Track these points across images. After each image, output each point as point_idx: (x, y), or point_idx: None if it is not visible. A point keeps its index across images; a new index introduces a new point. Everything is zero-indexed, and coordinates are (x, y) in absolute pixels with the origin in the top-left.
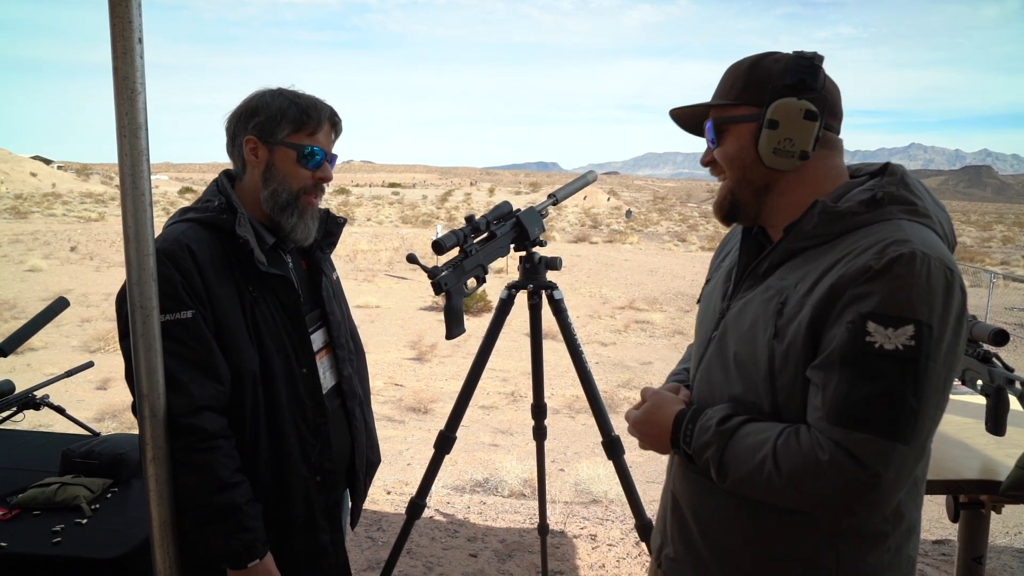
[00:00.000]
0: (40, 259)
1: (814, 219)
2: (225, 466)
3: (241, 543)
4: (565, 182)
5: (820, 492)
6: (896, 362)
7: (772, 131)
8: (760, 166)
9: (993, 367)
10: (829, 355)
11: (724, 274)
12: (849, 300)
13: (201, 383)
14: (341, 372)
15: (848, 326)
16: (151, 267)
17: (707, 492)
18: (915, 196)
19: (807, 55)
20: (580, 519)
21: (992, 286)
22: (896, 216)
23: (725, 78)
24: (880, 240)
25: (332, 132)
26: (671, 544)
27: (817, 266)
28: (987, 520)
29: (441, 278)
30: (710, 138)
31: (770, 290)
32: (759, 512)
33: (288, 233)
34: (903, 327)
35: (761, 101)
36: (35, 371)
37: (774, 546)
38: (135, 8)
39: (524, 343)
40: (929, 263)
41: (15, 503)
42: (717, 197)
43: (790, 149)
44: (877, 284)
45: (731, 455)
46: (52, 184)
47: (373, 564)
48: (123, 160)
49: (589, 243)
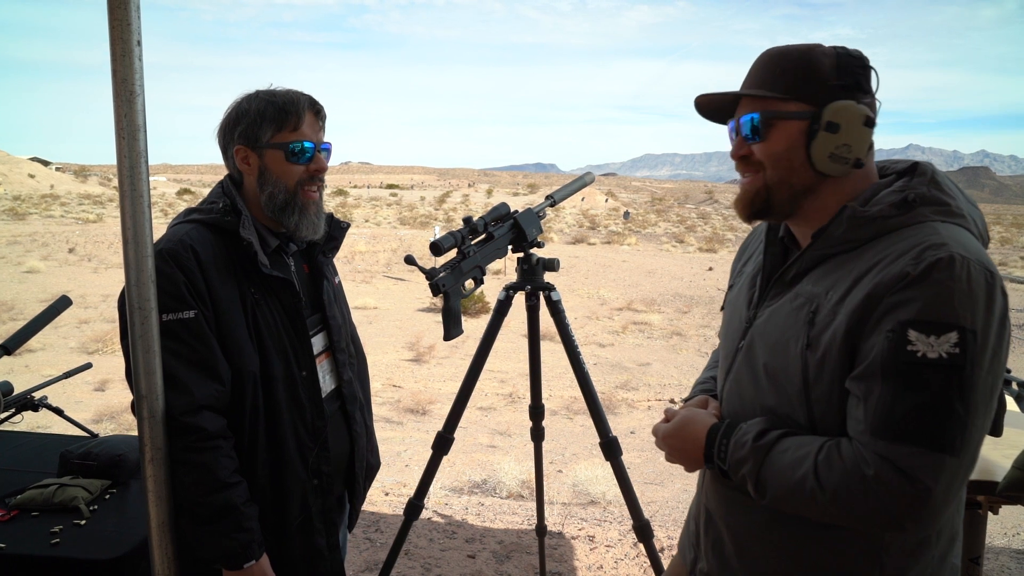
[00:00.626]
0: (38, 260)
1: (843, 224)
2: (224, 466)
3: (237, 543)
4: (563, 183)
5: (867, 508)
6: (941, 371)
7: (831, 134)
8: (808, 169)
9: None
10: (869, 365)
11: (748, 280)
12: (887, 308)
13: (202, 383)
14: (341, 376)
15: (888, 335)
16: (149, 268)
17: (742, 507)
18: (948, 196)
19: (855, 54)
20: (578, 520)
21: None
22: (929, 218)
23: (768, 67)
24: (916, 244)
25: (316, 120)
26: (704, 559)
27: (849, 272)
28: (984, 521)
29: (439, 279)
30: (748, 131)
31: (799, 298)
32: (798, 527)
33: (294, 231)
34: (946, 334)
35: (814, 99)
36: (33, 372)
37: (815, 562)
38: (134, 11)
39: (521, 344)
40: (969, 266)
41: (13, 504)
42: (745, 192)
43: (846, 156)
44: (916, 290)
45: (769, 472)
46: (50, 185)
47: (371, 565)
48: (122, 162)
49: (587, 244)
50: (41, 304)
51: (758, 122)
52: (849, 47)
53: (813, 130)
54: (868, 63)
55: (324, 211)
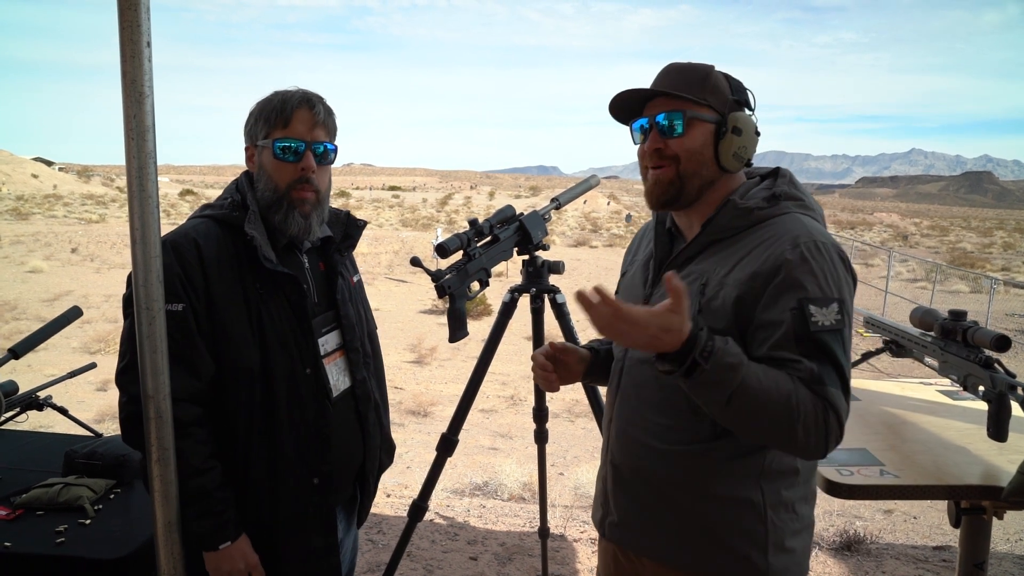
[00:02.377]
0: (41, 260)
1: (728, 214)
2: (197, 452)
3: (211, 525)
4: (565, 186)
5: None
6: (834, 334)
7: (736, 137)
8: (714, 164)
9: (995, 373)
10: (784, 335)
11: (641, 266)
12: (782, 288)
13: (178, 376)
14: (355, 375)
15: (792, 312)
16: (157, 268)
17: (647, 453)
18: (802, 194)
19: (735, 79)
20: (580, 523)
21: (993, 292)
22: (791, 210)
23: (682, 77)
24: (787, 232)
25: (312, 117)
26: (614, 511)
27: (732, 253)
28: (989, 526)
29: (444, 281)
30: (664, 126)
31: (691, 275)
32: (696, 462)
33: (278, 228)
34: (831, 305)
35: (720, 108)
36: (36, 372)
37: (712, 488)
38: (143, 13)
39: (523, 347)
40: (828, 249)
41: (19, 503)
42: (659, 182)
43: (743, 156)
44: (801, 273)
45: (753, 382)
46: (53, 185)
47: (373, 567)
48: (130, 162)
49: (589, 247)
50: (43, 304)
51: (681, 120)
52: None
53: (721, 132)
54: (747, 87)
55: (324, 211)
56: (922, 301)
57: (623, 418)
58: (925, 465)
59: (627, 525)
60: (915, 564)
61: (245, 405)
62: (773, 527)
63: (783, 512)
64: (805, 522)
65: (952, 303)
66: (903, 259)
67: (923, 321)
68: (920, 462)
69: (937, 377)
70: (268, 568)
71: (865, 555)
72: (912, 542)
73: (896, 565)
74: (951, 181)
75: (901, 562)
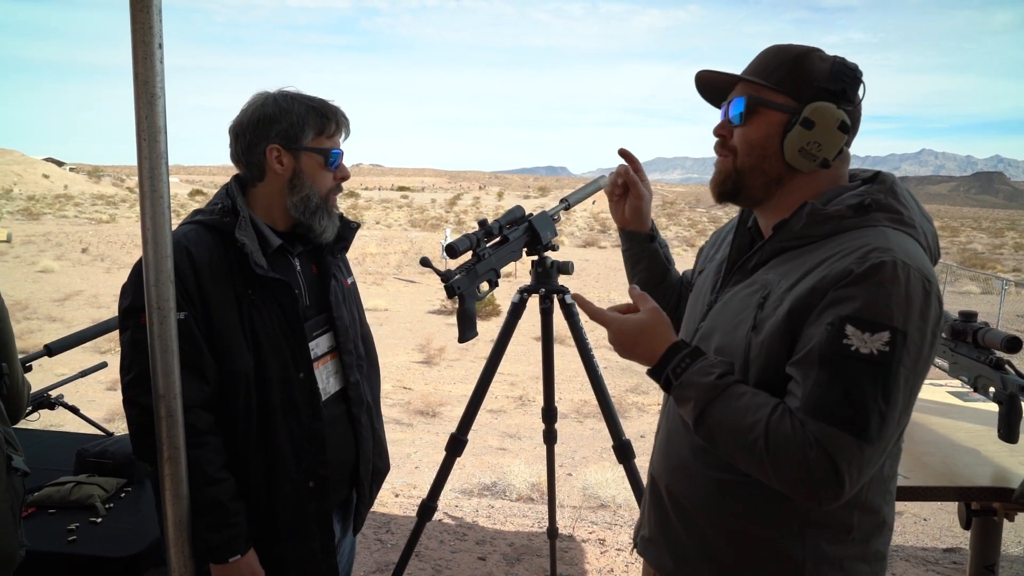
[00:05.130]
0: (52, 260)
1: (802, 220)
2: (211, 462)
3: (222, 538)
4: (574, 186)
5: (795, 476)
6: (870, 365)
7: (805, 130)
8: (779, 159)
9: (1006, 374)
10: (808, 353)
11: (715, 267)
12: (830, 302)
13: (188, 383)
14: (347, 378)
15: (827, 327)
16: (168, 269)
17: (684, 472)
18: (902, 205)
19: (851, 65)
20: (588, 523)
21: (1004, 293)
22: (882, 223)
23: (767, 59)
24: (863, 245)
25: (344, 132)
26: (647, 525)
27: (802, 264)
28: (999, 528)
29: (454, 282)
30: (735, 112)
31: (754, 284)
32: (735, 497)
33: (320, 234)
34: (879, 333)
35: (800, 95)
36: (46, 371)
37: (747, 531)
38: (156, 14)
39: (531, 347)
40: (909, 272)
41: (31, 501)
42: (718, 173)
43: (815, 153)
44: (858, 289)
45: (719, 408)
46: (64, 186)
47: (382, 566)
48: (142, 163)
49: (598, 248)
50: (54, 304)
51: (743, 106)
52: (848, 60)
53: (791, 123)
54: (860, 76)
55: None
56: None
57: (668, 429)
58: (935, 466)
59: (656, 543)
60: (925, 566)
61: (242, 411)
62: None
63: (827, 570)
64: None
65: (962, 304)
66: None
67: None
68: (930, 463)
69: (947, 378)
70: (267, 573)
71: None
72: (922, 544)
73: (906, 567)
74: (962, 182)
75: (911, 564)
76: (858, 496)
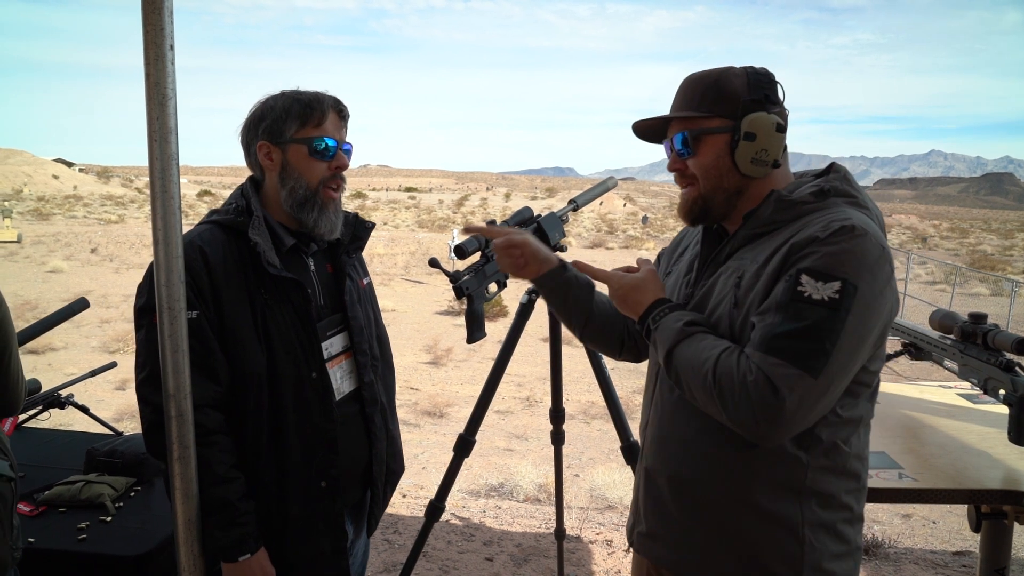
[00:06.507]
0: (61, 260)
1: (771, 206)
2: (221, 461)
3: (232, 537)
4: (582, 188)
5: (737, 406)
6: (819, 308)
7: (749, 143)
8: (735, 174)
9: (1016, 376)
10: (769, 302)
11: (686, 265)
12: (794, 261)
13: (198, 382)
14: (362, 378)
15: (786, 279)
16: (179, 269)
17: (684, 456)
18: (856, 191)
19: (761, 71)
20: (596, 524)
21: (1014, 295)
22: (841, 205)
23: (689, 91)
24: (826, 218)
25: (340, 120)
26: (644, 520)
27: (771, 243)
28: (1010, 531)
29: (463, 283)
30: (679, 148)
31: (729, 269)
32: (735, 467)
33: (312, 228)
34: (831, 282)
35: (733, 114)
36: (56, 371)
37: (752, 497)
38: (167, 16)
39: (539, 348)
40: (866, 236)
41: (41, 500)
42: (685, 202)
43: (765, 159)
44: (818, 246)
45: (683, 348)
46: (73, 186)
47: (390, 567)
48: (153, 164)
49: (605, 249)
50: (63, 303)
51: (688, 139)
52: (757, 66)
53: (735, 140)
54: (774, 78)
55: (342, 211)
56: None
57: (660, 421)
58: (944, 469)
59: (655, 536)
60: (934, 569)
61: (253, 410)
62: (811, 548)
63: (823, 534)
64: (850, 546)
65: (972, 306)
66: (922, 261)
67: (943, 324)
68: (939, 466)
69: (957, 380)
70: (277, 573)
71: (883, 559)
72: (931, 547)
73: (915, 570)
74: (971, 183)
75: (920, 567)
76: (843, 465)
